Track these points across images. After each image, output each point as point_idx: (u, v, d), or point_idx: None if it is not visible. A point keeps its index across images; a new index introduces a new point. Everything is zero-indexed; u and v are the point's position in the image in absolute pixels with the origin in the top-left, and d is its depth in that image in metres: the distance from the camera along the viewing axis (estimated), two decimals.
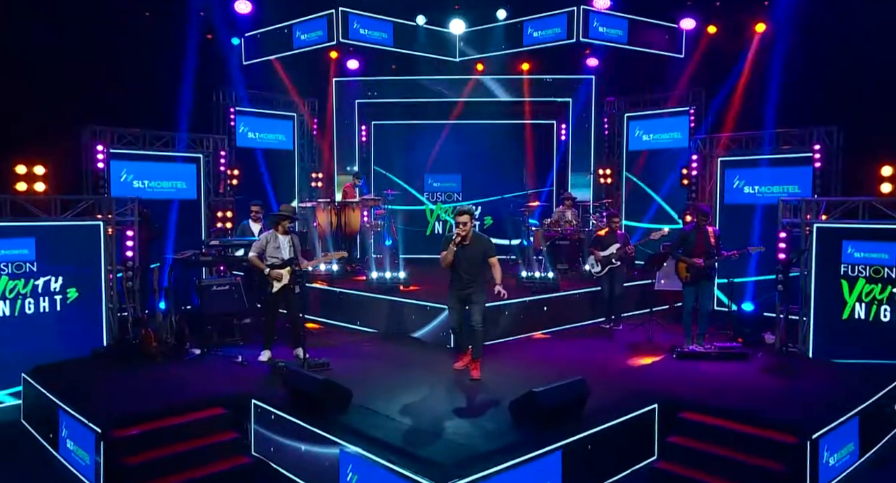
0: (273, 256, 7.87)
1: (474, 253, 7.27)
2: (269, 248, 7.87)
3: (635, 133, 13.80)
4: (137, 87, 10.96)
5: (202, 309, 8.72)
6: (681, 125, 12.94)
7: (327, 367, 7.61)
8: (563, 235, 12.00)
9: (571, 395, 5.99)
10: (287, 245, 7.94)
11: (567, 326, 10.02)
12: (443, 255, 7.30)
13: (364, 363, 8.05)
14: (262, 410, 6.57)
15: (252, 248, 7.99)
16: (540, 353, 8.61)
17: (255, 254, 7.88)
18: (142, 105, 10.99)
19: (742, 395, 6.65)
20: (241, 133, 13.07)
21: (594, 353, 8.55)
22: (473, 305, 7.34)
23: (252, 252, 7.92)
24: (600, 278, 9.95)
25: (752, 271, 10.38)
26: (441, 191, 14.89)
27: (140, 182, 11.04)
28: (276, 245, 7.84)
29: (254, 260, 7.88)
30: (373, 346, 8.94)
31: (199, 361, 7.94)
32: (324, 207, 11.69)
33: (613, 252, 9.81)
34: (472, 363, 7.45)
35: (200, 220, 11.74)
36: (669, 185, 12.97)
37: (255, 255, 7.88)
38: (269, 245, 7.89)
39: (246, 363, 7.82)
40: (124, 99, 10.84)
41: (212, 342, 8.33)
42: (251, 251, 7.95)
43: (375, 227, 12.53)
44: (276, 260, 7.83)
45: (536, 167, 14.61)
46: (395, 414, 6.20)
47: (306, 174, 14.09)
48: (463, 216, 7.22)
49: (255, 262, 7.87)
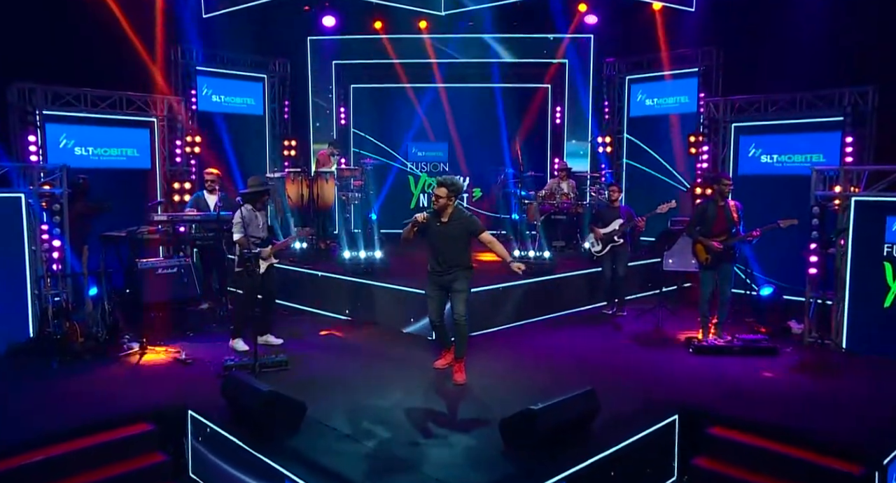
0: (254, 236, 6.69)
1: (454, 232, 5.97)
2: (251, 227, 6.67)
3: (637, 97, 12.39)
4: (78, 39, 9.38)
5: (141, 296, 7.38)
6: (688, 88, 11.54)
7: (284, 366, 6.31)
8: (558, 209, 10.68)
9: (578, 412, 4.73)
10: (263, 222, 6.93)
11: (564, 312, 8.75)
12: (404, 231, 6.10)
13: (328, 359, 6.76)
14: (200, 424, 5.28)
15: (235, 227, 6.73)
16: (534, 345, 7.34)
17: (242, 234, 6.62)
18: (82, 61, 9.43)
19: (781, 405, 5.42)
20: (203, 96, 11.56)
21: (596, 346, 7.30)
22: (456, 295, 6.04)
23: (238, 233, 6.67)
24: (601, 258, 8.65)
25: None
26: (426, 160, 13.50)
27: (83, 149, 9.58)
28: (257, 223, 6.74)
29: (242, 241, 6.62)
30: (341, 337, 7.63)
31: (135, 360, 6.62)
32: (294, 178, 10.29)
33: (616, 229, 8.50)
34: (455, 364, 6.19)
35: (156, 192, 10.31)
36: (675, 154, 11.61)
37: (243, 237, 6.61)
38: (251, 224, 6.69)
39: (191, 361, 6.52)
40: (61, 53, 9.28)
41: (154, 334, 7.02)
42: (236, 232, 6.70)
43: (352, 199, 11.14)
44: (256, 239, 6.68)
45: (529, 135, 13.18)
46: (358, 432, 4.93)
47: (278, 142, 12.62)
48: (440, 188, 5.91)
49: (244, 243, 6.60)
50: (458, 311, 6.09)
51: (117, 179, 9.77)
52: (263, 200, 6.81)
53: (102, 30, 9.54)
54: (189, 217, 8.10)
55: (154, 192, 10.27)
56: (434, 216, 6.06)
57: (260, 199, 6.74)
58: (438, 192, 5.93)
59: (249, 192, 6.77)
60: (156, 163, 10.28)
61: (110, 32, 9.63)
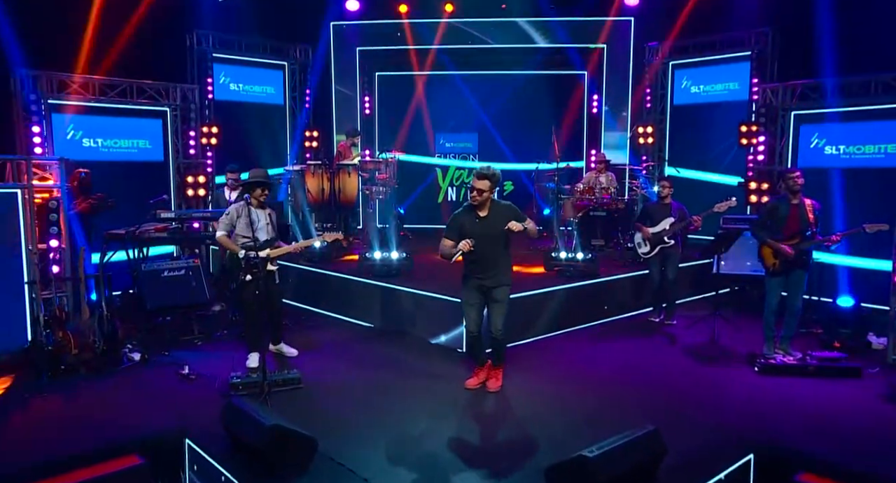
0: (244, 235, 5.88)
1: (496, 227, 5.17)
2: (239, 225, 5.89)
3: (682, 84, 11.38)
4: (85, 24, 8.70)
5: (146, 302, 6.69)
6: (739, 73, 10.50)
7: (297, 384, 5.55)
8: (598, 205, 9.76)
9: (640, 458, 3.88)
10: (265, 221, 5.98)
11: (607, 320, 7.87)
12: (444, 252, 5.25)
13: (346, 375, 5.99)
14: (198, 456, 4.55)
15: (219, 225, 5.97)
16: (578, 360, 6.48)
17: (223, 232, 5.92)
18: (90, 47, 8.76)
19: (878, 443, 4.51)
20: (221, 84, 10.86)
21: (648, 362, 6.41)
22: (496, 305, 5.28)
23: (220, 230, 5.94)
24: (649, 260, 7.74)
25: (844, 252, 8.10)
26: (454, 152, 12.64)
27: (91, 140, 8.93)
28: (248, 221, 5.80)
29: (223, 240, 5.92)
30: (362, 347, 6.85)
31: (134, 374, 5.92)
32: (314, 171, 9.53)
33: (666, 228, 7.58)
34: (492, 370, 5.50)
35: (169, 186, 9.63)
36: (725, 147, 10.59)
37: (223, 235, 5.91)
38: (239, 221, 5.89)
39: (194, 376, 5.79)
40: (66, 38, 8.63)
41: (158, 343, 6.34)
42: (218, 229, 5.96)
43: (376, 194, 10.35)
44: (247, 240, 5.83)
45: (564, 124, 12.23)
46: (375, 472, 4.14)
47: (299, 133, 11.87)
48: (482, 181, 5.11)
49: (226, 242, 5.91)
50: (497, 324, 5.30)
51: (128, 173, 9.12)
52: (260, 195, 5.92)
53: (112, 13, 8.85)
54: (198, 214, 7.38)
55: (167, 185, 9.58)
56: (468, 213, 5.25)
57: (253, 191, 5.86)
58: (480, 184, 5.12)
59: (242, 184, 5.99)
60: (169, 155, 9.58)
61: (120, 16, 8.94)
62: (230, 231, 5.89)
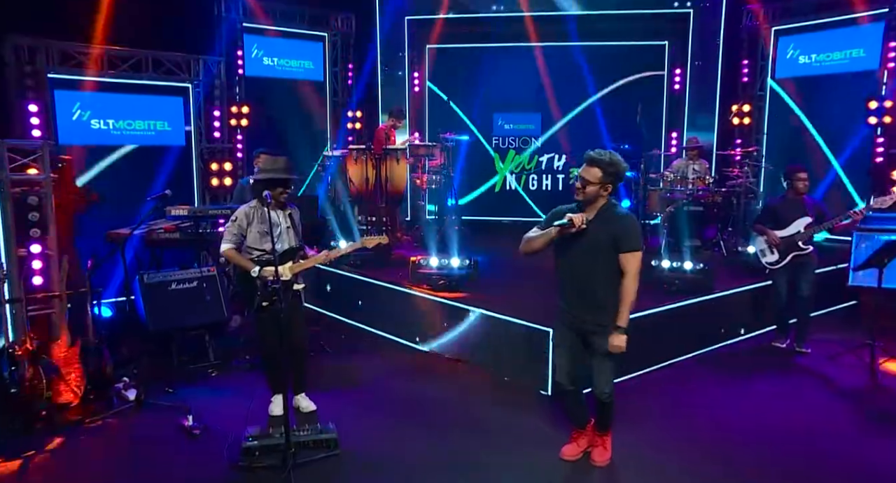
0: (258, 248, 4.36)
1: (598, 240, 3.55)
2: (251, 233, 4.36)
3: (787, 54, 9.40)
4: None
5: (147, 322, 5.24)
6: (866, 38, 8.49)
7: (333, 448, 4.02)
8: (693, 198, 7.96)
9: None
10: (284, 225, 4.44)
11: (719, 345, 6.13)
12: (530, 237, 3.69)
13: (394, 430, 4.43)
14: None
15: (225, 234, 4.42)
16: (696, 414, 4.76)
17: (230, 245, 4.38)
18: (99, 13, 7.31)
19: None
20: (253, 58, 9.34)
21: (791, 413, 4.68)
22: (596, 360, 3.71)
23: (225, 243, 4.39)
24: (775, 272, 5.95)
25: None
26: (514, 135, 10.89)
27: (101, 122, 7.50)
28: (265, 228, 4.25)
29: (230, 254, 4.38)
30: (416, 387, 5.26)
31: (123, 425, 4.48)
32: (357, 157, 7.97)
33: (801, 231, 5.78)
34: (597, 437, 3.93)
35: (192, 176, 8.19)
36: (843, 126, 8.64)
37: (230, 248, 4.37)
38: (251, 228, 4.36)
39: (199, 430, 4.31)
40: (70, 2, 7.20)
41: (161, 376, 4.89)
42: (224, 241, 4.41)
43: (428, 183, 8.77)
44: (262, 253, 4.33)
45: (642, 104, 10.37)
46: None
47: (341, 113, 10.31)
48: (592, 168, 3.53)
49: (234, 257, 4.38)
50: (600, 385, 3.69)
51: (145, 159, 7.71)
52: (280, 194, 4.34)
53: None
54: (216, 212, 5.89)
55: (190, 174, 8.14)
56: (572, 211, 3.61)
57: (273, 190, 4.24)
58: (588, 173, 3.52)
59: (259, 180, 4.42)
60: (192, 139, 8.12)
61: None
62: (240, 243, 4.36)
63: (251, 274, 4.26)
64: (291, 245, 4.46)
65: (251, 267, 4.28)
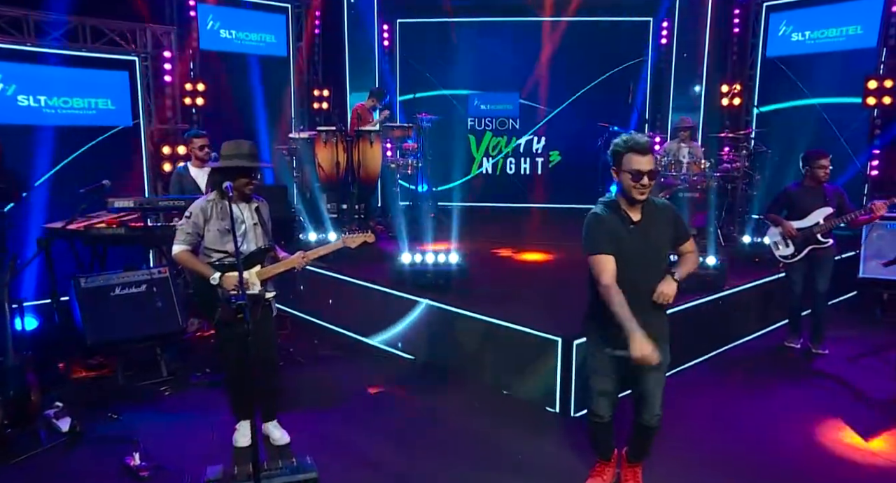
0: (218, 250, 3.58)
1: (658, 238, 3.01)
2: (210, 232, 3.57)
3: (780, 30, 8.86)
4: None
5: (85, 335, 4.41)
6: (864, 14, 7.99)
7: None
8: (687, 185, 7.39)
9: None
10: (251, 222, 3.66)
11: (728, 347, 5.58)
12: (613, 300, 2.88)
13: (382, 458, 3.72)
14: None
15: (177, 234, 3.61)
16: (707, 416, 4.21)
17: (183, 247, 3.58)
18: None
19: None
20: (209, 30, 8.38)
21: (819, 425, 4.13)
22: (651, 376, 3.04)
23: (178, 244, 3.59)
24: (791, 266, 5.41)
25: None
26: (491, 115, 10.18)
27: (30, 98, 6.50)
28: (226, 225, 3.50)
29: (184, 257, 3.58)
30: (403, 404, 4.55)
31: (51, 466, 3.67)
32: (326, 140, 7.15)
33: (820, 223, 5.24)
34: (629, 468, 3.34)
35: (141, 160, 7.26)
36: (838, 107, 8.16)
37: (184, 250, 3.58)
38: (209, 225, 3.57)
39: (147, 472, 3.53)
40: None
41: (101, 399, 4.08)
42: (176, 241, 3.60)
43: (404, 167, 8.03)
44: (223, 255, 3.56)
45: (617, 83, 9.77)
46: None
47: (306, 92, 9.43)
48: (648, 157, 2.92)
49: (189, 261, 3.58)
50: (653, 407, 3.11)
51: (84, 142, 6.75)
52: (245, 186, 3.57)
53: None
54: (167, 203, 5.03)
55: (139, 158, 7.22)
56: (614, 214, 3.01)
57: (237, 181, 3.51)
58: (651, 163, 2.95)
59: (218, 169, 3.63)
60: (140, 119, 7.17)
61: None
62: (196, 244, 3.57)
63: (210, 281, 3.50)
64: (259, 245, 3.69)
65: (210, 273, 3.51)
